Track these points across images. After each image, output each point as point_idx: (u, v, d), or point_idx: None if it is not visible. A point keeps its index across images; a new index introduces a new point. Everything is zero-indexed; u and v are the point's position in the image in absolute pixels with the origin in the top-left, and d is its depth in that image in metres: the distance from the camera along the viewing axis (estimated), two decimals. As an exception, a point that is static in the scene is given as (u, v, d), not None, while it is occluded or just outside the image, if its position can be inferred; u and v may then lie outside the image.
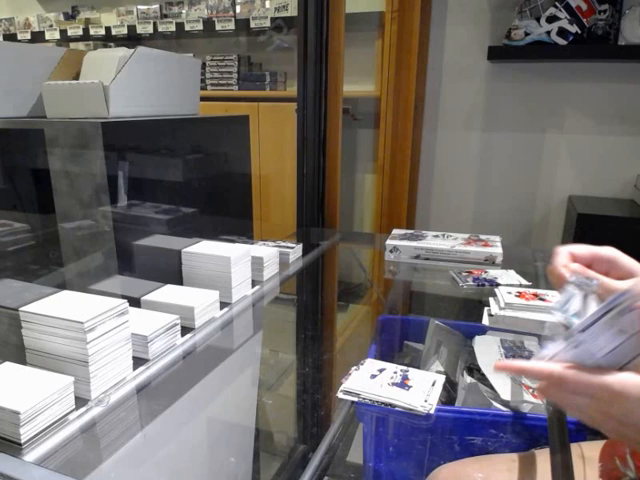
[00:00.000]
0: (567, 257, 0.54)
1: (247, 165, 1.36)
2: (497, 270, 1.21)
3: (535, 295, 1.00)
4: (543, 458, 0.63)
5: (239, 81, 2.71)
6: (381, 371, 0.76)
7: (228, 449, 0.87)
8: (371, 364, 0.78)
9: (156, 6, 2.88)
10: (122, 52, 1.00)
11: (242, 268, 1.02)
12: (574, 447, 0.61)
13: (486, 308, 0.99)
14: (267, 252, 1.13)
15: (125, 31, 2.91)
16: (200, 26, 2.69)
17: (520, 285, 1.10)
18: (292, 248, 1.28)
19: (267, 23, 2.53)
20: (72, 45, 3.14)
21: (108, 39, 3.02)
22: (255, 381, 0.98)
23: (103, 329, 0.67)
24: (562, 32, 1.91)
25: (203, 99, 1.32)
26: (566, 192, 2.20)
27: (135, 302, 0.88)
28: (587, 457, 0.62)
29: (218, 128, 1.26)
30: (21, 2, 3.40)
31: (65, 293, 0.74)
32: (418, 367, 0.89)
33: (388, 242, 1.34)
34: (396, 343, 1.10)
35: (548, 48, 1.95)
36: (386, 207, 2.32)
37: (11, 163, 0.97)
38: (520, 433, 0.70)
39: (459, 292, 1.13)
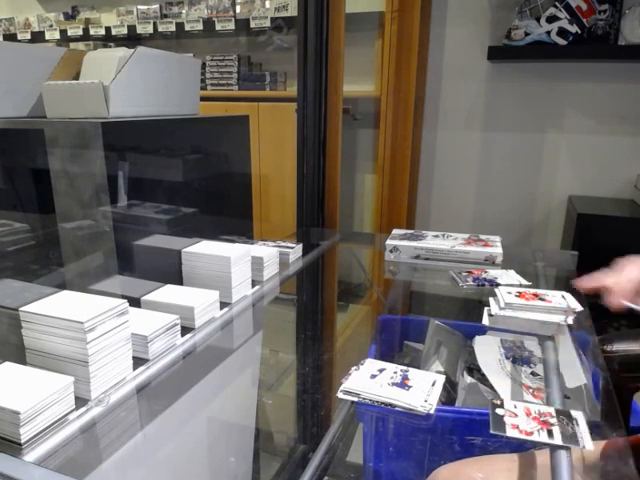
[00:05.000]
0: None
1: (247, 165, 1.36)
2: (497, 270, 1.21)
3: (535, 295, 0.99)
4: (543, 458, 0.63)
5: (239, 81, 2.71)
6: (381, 371, 0.76)
7: (228, 449, 0.87)
8: (371, 364, 0.78)
9: (156, 6, 2.88)
10: (122, 52, 1.00)
11: (242, 268, 1.02)
12: (574, 447, 0.61)
13: (486, 308, 0.99)
14: (267, 252, 1.13)
15: (125, 31, 2.91)
16: (200, 26, 2.69)
17: (520, 285, 1.10)
18: (292, 248, 1.28)
19: (267, 23, 2.53)
20: (72, 45, 3.14)
21: (108, 39, 3.02)
22: (255, 381, 0.99)
23: (103, 329, 0.67)
24: (562, 32, 1.91)
25: (203, 99, 1.31)
26: (566, 192, 2.20)
27: (135, 302, 0.88)
28: (587, 457, 0.62)
29: (218, 128, 1.26)
30: (21, 2, 3.40)
31: (65, 293, 0.74)
32: (418, 367, 0.89)
33: (388, 242, 1.34)
34: (396, 343, 1.10)
35: (548, 48, 1.95)
36: (386, 207, 2.32)
37: (11, 163, 0.97)
38: (520, 433, 0.70)
39: (459, 292, 1.13)
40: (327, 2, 1.53)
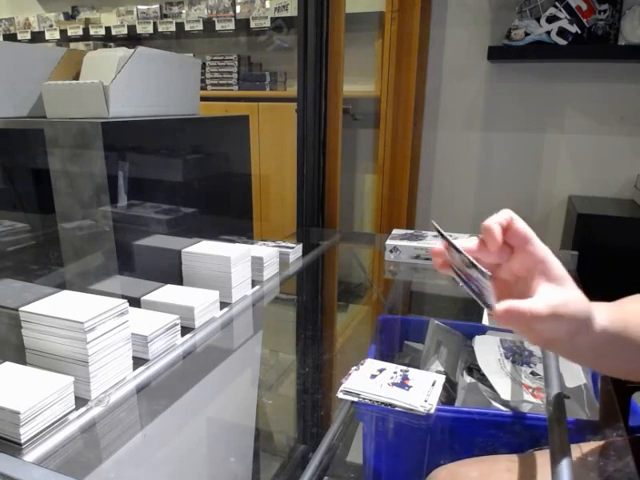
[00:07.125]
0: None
1: (247, 165, 1.36)
2: (497, 270, 1.20)
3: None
4: (543, 459, 0.63)
5: (239, 81, 2.71)
6: (381, 371, 0.76)
7: (228, 449, 0.87)
8: (371, 364, 0.78)
9: (156, 6, 2.88)
10: (122, 52, 1.00)
11: (242, 268, 1.02)
12: (574, 447, 0.61)
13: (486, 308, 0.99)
14: (267, 252, 1.13)
15: (125, 31, 2.91)
16: (200, 26, 2.69)
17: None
18: (292, 248, 1.28)
19: (267, 23, 2.54)
20: (72, 45, 3.14)
21: (108, 39, 3.02)
22: (255, 381, 0.98)
23: (103, 329, 0.67)
24: (562, 32, 1.91)
25: (203, 99, 1.31)
26: (566, 192, 2.20)
27: (135, 302, 0.88)
28: (587, 457, 0.62)
29: (218, 128, 1.26)
30: (21, 2, 3.40)
31: (65, 293, 0.74)
32: (418, 367, 0.89)
33: (388, 242, 1.34)
34: (396, 343, 1.10)
35: (548, 48, 1.95)
36: (386, 207, 2.32)
37: (11, 163, 0.97)
38: (520, 433, 0.70)
39: (459, 292, 1.13)
40: (327, 2, 1.53)
